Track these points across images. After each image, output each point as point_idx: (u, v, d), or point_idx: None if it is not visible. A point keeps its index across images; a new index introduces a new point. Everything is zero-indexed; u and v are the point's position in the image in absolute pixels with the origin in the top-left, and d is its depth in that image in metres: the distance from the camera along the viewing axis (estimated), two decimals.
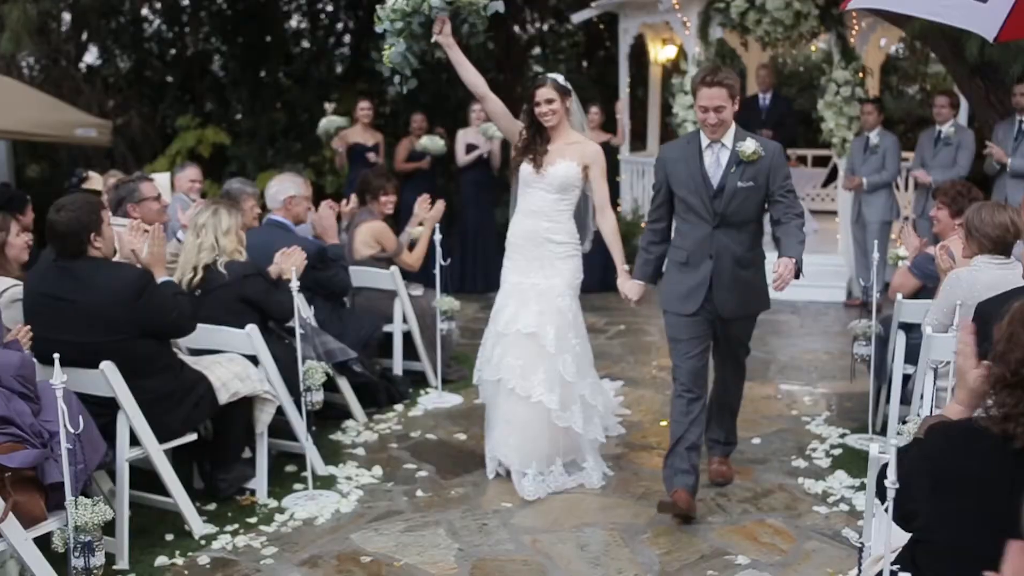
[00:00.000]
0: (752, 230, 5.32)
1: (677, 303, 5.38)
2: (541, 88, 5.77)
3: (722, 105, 5.10)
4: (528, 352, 5.77)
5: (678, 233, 5.43)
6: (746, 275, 5.32)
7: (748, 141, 5.16)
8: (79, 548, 3.84)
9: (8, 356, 4.20)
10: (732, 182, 5.16)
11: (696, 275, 5.30)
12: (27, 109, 13.08)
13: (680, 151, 5.35)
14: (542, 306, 5.79)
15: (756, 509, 5.51)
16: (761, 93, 11.97)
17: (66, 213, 4.85)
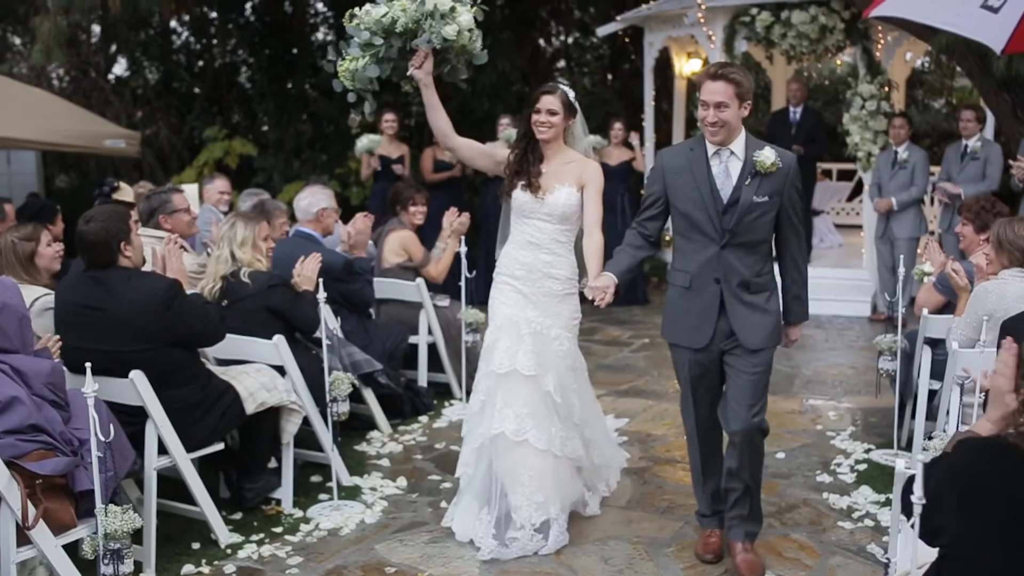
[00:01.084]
0: (763, 251, 4.74)
1: (685, 334, 4.80)
2: (548, 96, 5.18)
3: (724, 102, 4.49)
4: (534, 399, 5.17)
5: (679, 253, 4.81)
6: (756, 300, 4.70)
7: (767, 150, 4.56)
8: (108, 555, 3.89)
9: (39, 364, 4.26)
10: (747, 196, 4.56)
11: (702, 302, 4.71)
12: (57, 120, 13.21)
13: (683, 159, 4.71)
14: (538, 348, 5.21)
15: (780, 524, 5.50)
16: (792, 107, 11.94)
17: (95, 224, 4.92)
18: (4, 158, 15.44)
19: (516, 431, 5.13)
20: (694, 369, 4.84)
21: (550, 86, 5.27)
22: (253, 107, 17.50)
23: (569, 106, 5.22)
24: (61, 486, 4.17)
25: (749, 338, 4.69)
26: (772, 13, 11.22)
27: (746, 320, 4.68)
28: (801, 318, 4.92)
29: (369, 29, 5.20)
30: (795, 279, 4.83)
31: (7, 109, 12.54)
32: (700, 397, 4.90)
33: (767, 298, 4.74)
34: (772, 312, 4.74)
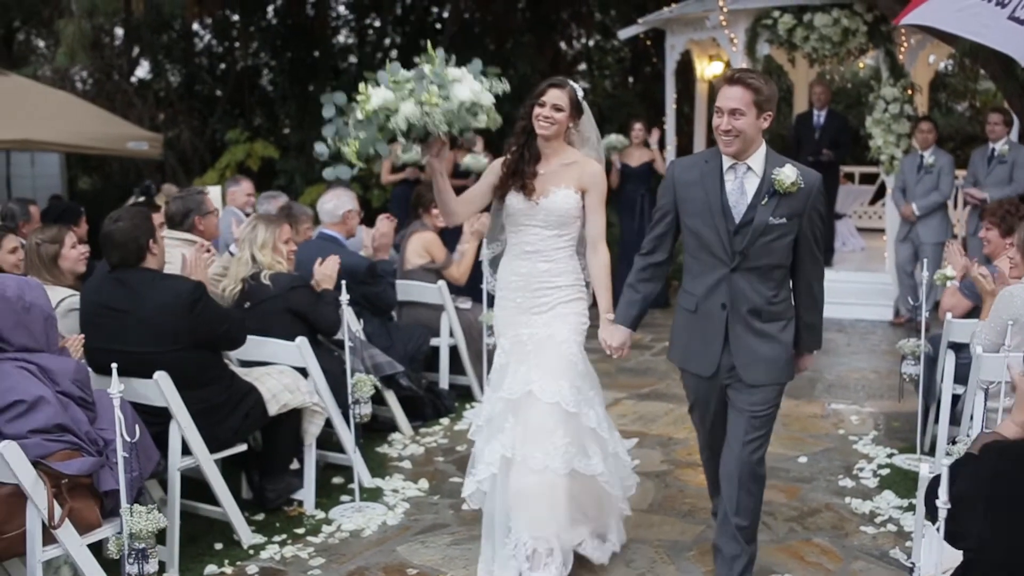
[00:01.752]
0: (778, 277, 4.33)
1: (694, 360, 4.48)
2: (555, 89, 4.75)
3: (739, 109, 4.10)
4: (535, 415, 4.70)
5: (688, 273, 4.46)
6: (768, 330, 4.33)
7: (788, 168, 4.15)
8: (133, 555, 3.90)
9: (65, 363, 4.29)
10: (762, 216, 4.17)
11: (708, 328, 4.37)
12: (81, 122, 13.31)
13: (696, 171, 4.33)
14: (543, 359, 4.76)
15: (802, 528, 5.48)
16: (816, 111, 11.88)
17: (124, 222, 4.98)
18: (28, 160, 15.55)
19: (523, 453, 4.70)
20: (700, 395, 4.60)
21: (559, 80, 4.85)
22: (275, 110, 17.59)
23: (576, 105, 4.81)
24: (86, 486, 4.19)
25: (748, 372, 4.33)
26: (794, 16, 11.17)
27: (749, 352, 4.32)
28: (812, 347, 4.56)
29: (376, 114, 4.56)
30: (808, 306, 4.44)
31: (32, 112, 12.65)
32: (707, 420, 4.67)
33: (781, 328, 4.36)
34: (783, 344, 4.36)
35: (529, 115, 4.80)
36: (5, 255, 5.99)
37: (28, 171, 15.63)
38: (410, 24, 18.61)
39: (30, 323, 4.25)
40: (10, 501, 4.00)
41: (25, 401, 4.04)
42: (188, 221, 6.37)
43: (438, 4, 18.51)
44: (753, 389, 4.34)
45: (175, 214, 6.38)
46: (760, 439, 4.42)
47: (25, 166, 15.54)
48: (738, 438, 4.39)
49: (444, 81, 4.58)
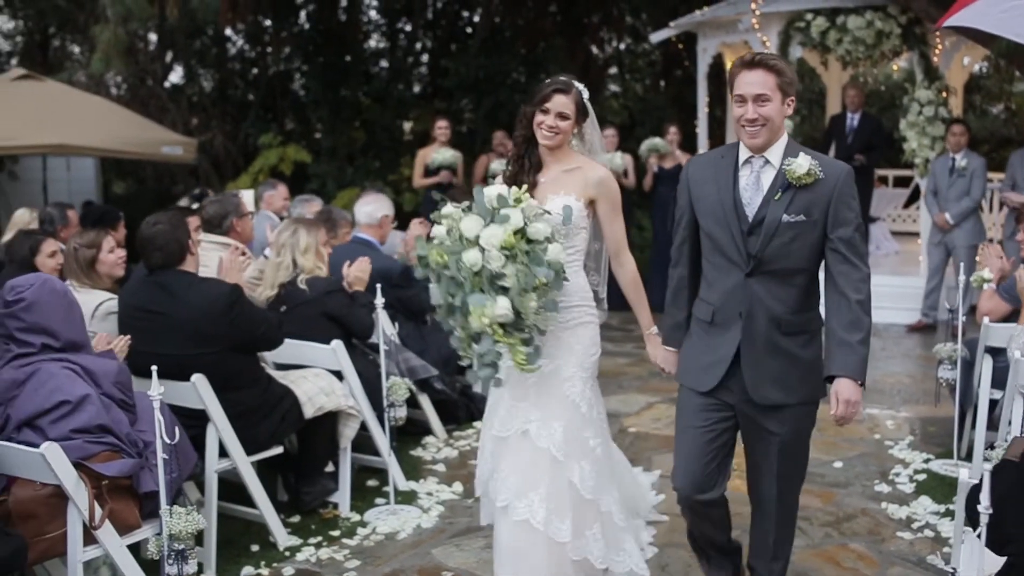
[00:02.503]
0: (802, 284, 3.85)
1: (694, 375, 4.03)
2: (561, 95, 4.30)
3: (765, 95, 3.71)
4: (525, 460, 4.31)
5: (704, 281, 4.04)
6: (790, 346, 3.84)
7: (801, 157, 3.74)
8: (173, 556, 3.94)
9: (107, 364, 4.35)
10: (774, 213, 3.74)
11: (723, 340, 3.91)
12: (116, 127, 13.43)
13: (710, 168, 3.95)
14: (543, 396, 4.32)
15: (839, 533, 5.45)
16: (850, 113, 11.81)
17: (164, 225, 5.08)
18: (64, 165, 15.71)
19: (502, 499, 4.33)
20: (691, 414, 4.04)
21: (564, 83, 4.37)
22: (307, 114, 17.68)
23: (582, 109, 4.40)
24: (126, 487, 4.23)
25: (759, 388, 3.86)
26: (827, 18, 11.12)
27: (762, 365, 3.85)
28: (851, 370, 3.72)
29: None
30: (844, 321, 3.75)
31: (67, 117, 12.78)
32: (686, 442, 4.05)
33: (805, 342, 3.86)
34: (806, 360, 3.88)
35: (530, 122, 4.39)
36: (45, 259, 6.07)
37: (64, 175, 15.79)
38: (441, 28, 18.66)
39: (76, 319, 4.35)
40: (51, 502, 4.05)
41: (70, 402, 4.09)
42: (226, 224, 6.41)
43: (469, 8, 18.54)
44: (766, 412, 3.90)
45: (212, 217, 6.42)
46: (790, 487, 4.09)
47: (61, 171, 15.71)
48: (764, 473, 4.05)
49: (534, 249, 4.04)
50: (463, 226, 4.02)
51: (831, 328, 3.79)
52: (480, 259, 3.96)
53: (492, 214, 4.02)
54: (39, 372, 4.12)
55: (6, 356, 4.19)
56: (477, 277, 3.98)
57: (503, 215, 3.98)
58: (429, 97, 17.80)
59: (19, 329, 4.17)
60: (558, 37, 17.13)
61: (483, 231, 3.98)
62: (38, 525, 4.05)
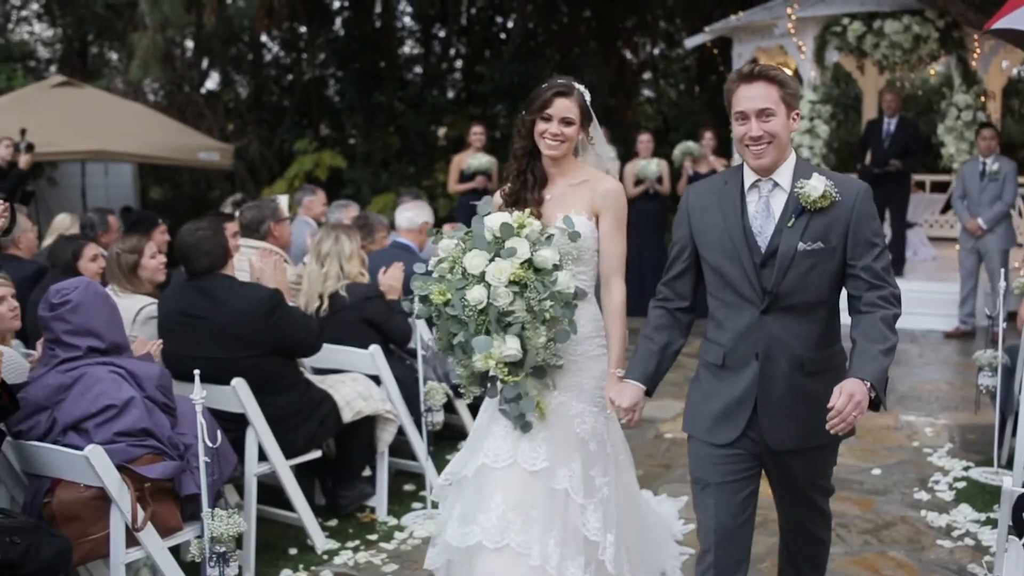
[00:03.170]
0: (823, 317, 3.50)
1: (706, 427, 3.60)
2: (563, 99, 3.90)
3: (768, 109, 3.36)
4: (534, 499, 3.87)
5: (712, 321, 3.63)
6: (813, 387, 3.44)
7: (815, 178, 3.37)
8: (214, 558, 3.97)
9: (149, 367, 4.40)
10: (789, 242, 3.38)
11: (736, 385, 3.52)
12: (153, 133, 13.60)
13: (713, 195, 3.57)
14: (553, 431, 3.93)
15: (878, 541, 5.41)
16: (887, 118, 11.73)
17: (206, 230, 5.16)
18: (102, 171, 15.90)
19: (496, 538, 3.84)
20: (711, 469, 3.60)
21: (564, 85, 3.95)
22: (342, 120, 17.79)
23: (587, 112, 3.99)
24: (168, 490, 4.28)
25: (782, 437, 3.51)
26: (864, 23, 11.08)
27: (782, 410, 3.49)
28: (867, 374, 3.29)
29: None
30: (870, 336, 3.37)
31: (106, 123, 12.95)
32: (713, 502, 3.61)
33: (829, 381, 3.37)
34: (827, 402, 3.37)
35: (530, 132, 3.98)
36: (87, 263, 6.13)
37: (102, 181, 15.98)
38: (475, 34, 18.74)
39: (117, 323, 4.44)
40: (94, 504, 4.11)
41: (116, 406, 4.15)
42: (263, 229, 6.45)
43: (502, 14, 18.60)
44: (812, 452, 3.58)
45: (251, 222, 6.47)
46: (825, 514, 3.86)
47: (99, 176, 15.90)
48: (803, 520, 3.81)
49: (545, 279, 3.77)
50: (467, 263, 3.73)
51: (861, 347, 3.37)
52: (485, 296, 3.68)
53: (496, 246, 3.74)
54: (85, 376, 4.18)
55: (52, 361, 4.24)
56: (483, 316, 3.69)
57: (509, 248, 3.70)
58: (463, 103, 17.87)
59: (66, 332, 4.23)
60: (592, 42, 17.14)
61: (489, 267, 3.70)
62: (82, 527, 4.11)
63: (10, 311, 4.66)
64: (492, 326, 3.69)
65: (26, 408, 4.14)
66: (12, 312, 4.69)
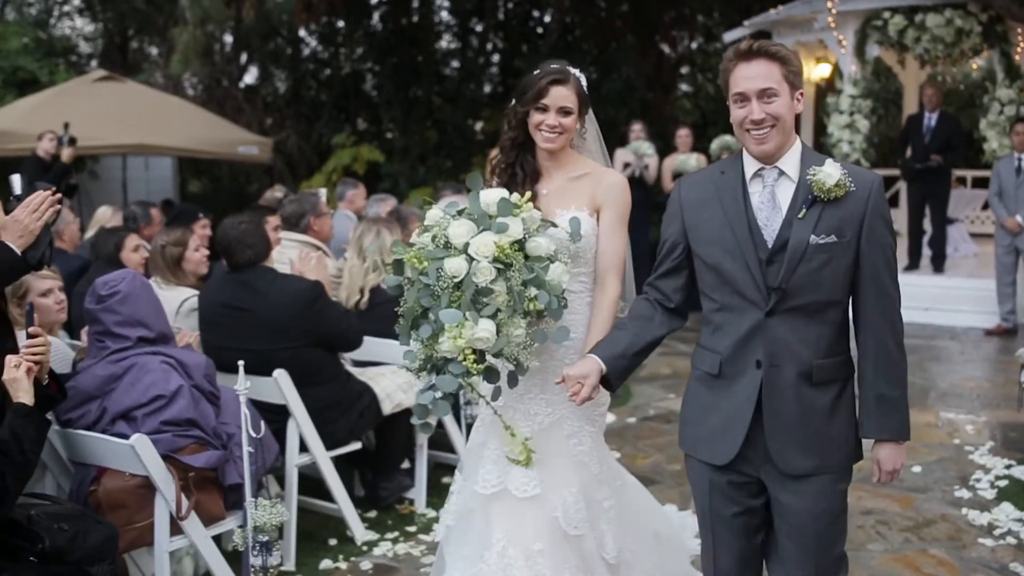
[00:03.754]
0: (834, 320, 3.14)
1: (704, 444, 3.25)
2: (560, 87, 3.57)
3: (771, 89, 3.05)
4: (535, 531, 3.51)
5: (707, 324, 3.27)
6: (820, 399, 3.10)
7: (828, 165, 3.07)
8: (257, 547, 4.00)
9: (196, 356, 4.48)
10: (800, 235, 3.05)
11: (733, 396, 3.16)
12: (194, 127, 13.71)
13: (709, 187, 3.24)
14: (545, 454, 3.54)
15: (918, 539, 5.37)
16: (927, 113, 11.63)
17: (249, 224, 5.24)
18: (143, 164, 16.07)
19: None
20: (715, 499, 3.26)
21: (559, 71, 3.62)
22: (379, 114, 17.87)
23: (585, 100, 3.68)
24: (212, 479, 4.33)
25: (788, 456, 3.11)
26: (906, 16, 10.99)
27: (792, 429, 3.10)
28: (892, 431, 3.13)
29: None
30: (880, 367, 3.12)
31: (146, 117, 13.07)
32: (722, 541, 3.30)
33: (838, 393, 3.14)
34: (843, 416, 3.15)
35: (522, 123, 3.67)
36: (129, 254, 6.20)
37: (142, 175, 16.17)
38: (512, 28, 18.73)
39: (162, 313, 4.52)
40: (139, 492, 4.17)
41: (165, 396, 4.20)
42: (303, 222, 6.49)
43: (539, 8, 18.59)
44: (799, 481, 3.13)
45: (290, 216, 6.52)
46: None
47: (140, 170, 16.08)
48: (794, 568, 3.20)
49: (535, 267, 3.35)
50: (451, 231, 3.33)
51: (866, 378, 3.14)
52: (465, 268, 3.27)
53: (488, 221, 3.35)
54: (136, 366, 4.23)
55: (102, 352, 4.30)
56: (457, 292, 3.27)
57: (501, 223, 3.32)
58: (500, 97, 17.88)
59: (116, 323, 4.29)
60: (629, 36, 17.09)
61: (474, 239, 3.30)
62: (127, 515, 4.17)
63: (57, 304, 4.74)
64: (466, 304, 3.23)
65: (76, 398, 4.20)
66: (59, 305, 4.76)
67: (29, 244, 3.80)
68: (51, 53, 17.80)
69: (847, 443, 3.17)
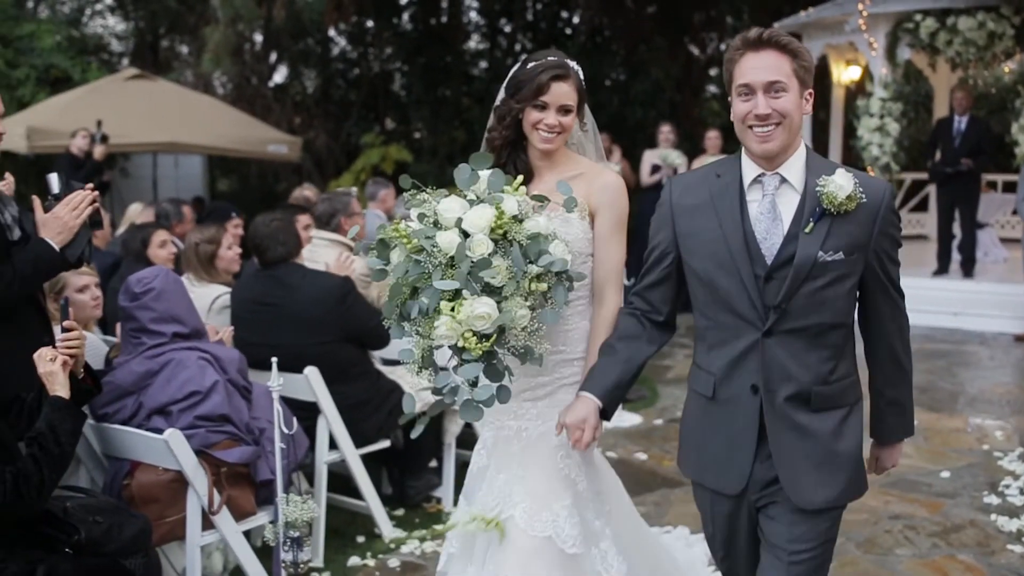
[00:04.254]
0: (837, 343, 2.92)
1: (712, 472, 3.06)
2: (561, 83, 3.26)
3: (779, 82, 2.79)
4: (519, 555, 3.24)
5: (700, 342, 3.07)
6: (820, 427, 2.90)
7: (839, 176, 2.81)
8: (288, 543, 4.05)
9: (230, 351, 4.53)
10: (807, 250, 2.80)
11: (731, 422, 2.97)
12: (224, 126, 13.80)
13: (703, 191, 2.98)
14: (530, 469, 3.33)
15: (946, 544, 5.35)
16: (957, 116, 11.56)
17: (281, 222, 5.31)
18: (172, 162, 16.19)
19: None
20: (722, 523, 3.13)
21: (560, 65, 3.30)
22: (407, 114, 17.93)
23: (584, 95, 3.40)
24: (243, 475, 4.38)
25: (798, 489, 2.91)
26: (937, 19, 10.93)
27: (797, 458, 2.90)
28: (900, 432, 3.16)
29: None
30: (891, 377, 3.06)
31: (177, 115, 13.18)
32: (739, 557, 3.19)
33: (842, 420, 2.93)
34: (848, 446, 2.94)
35: (515, 120, 3.34)
36: (156, 250, 6.24)
37: (172, 173, 16.30)
38: (540, 30, 18.75)
39: (194, 308, 4.57)
40: (172, 487, 4.21)
41: (200, 392, 4.24)
42: (334, 221, 6.53)
43: (568, 9, 18.60)
44: (804, 517, 2.93)
45: (322, 215, 6.56)
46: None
47: (170, 168, 16.20)
48: None
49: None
50: (440, 207, 3.01)
51: (877, 385, 3.07)
52: (459, 242, 2.94)
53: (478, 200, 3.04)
54: (172, 362, 4.28)
55: (138, 348, 4.35)
56: (450, 267, 2.94)
57: (496, 196, 3.03)
58: None
59: (152, 320, 4.33)
60: (658, 37, 17.08)
61: (468, 213, 2.98)
62: (159, 509, 4.21)
63: (93, 300, 4.79)
64: (462, 280, 2.91)
65: (112, 393, 4.25)
66: (95, 301, 4.82)
67: (68, 241, 3.86)
68: (83, 51, 17.97)
69: (857, 475, 2.99)
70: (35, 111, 13.60)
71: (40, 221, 3.86)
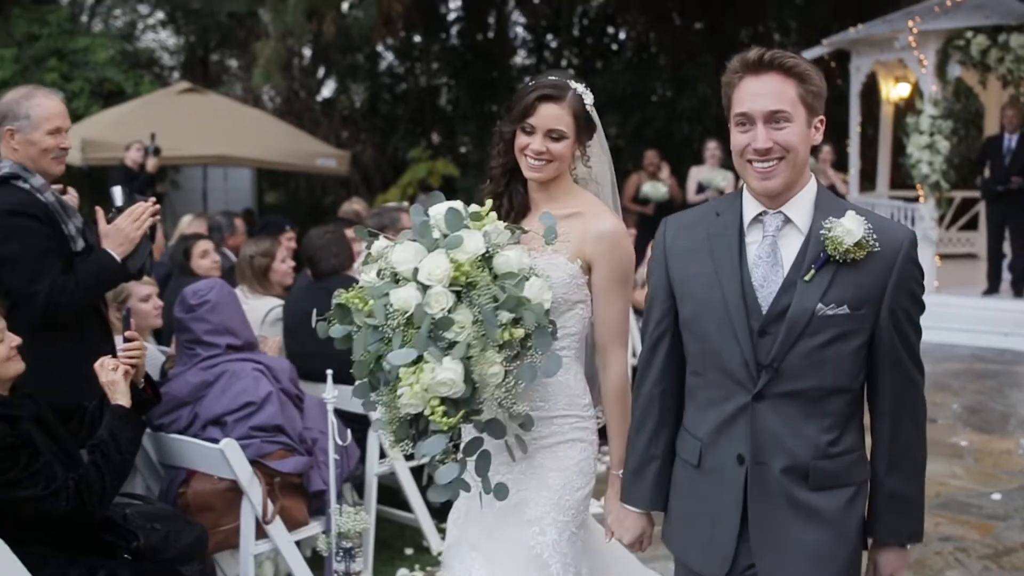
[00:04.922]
0: (839, 410, 2.52)
1: (693, 549, 2.68)
2: (550, 105, 2.94)
3: (783, 112, 2.45)
4: None
5: (691, 401, 2.70)
6: (822, 507, 2.51)
7: (848, 219, 2.44)
8: (341, 553, 4.09)
9: (282, 361, 4.59)
10: (804, 302, 2.45)
11: (718, 496, 2.59)
12: (273, 139, 13.96)
13: (699, 231, 2.63)
14: (498, 542, 2.99)
15: (998, 567, 5.29)
16: (1008, 134, 11.43)
17: (334, 234, 5.43)
18: (222, 175, 16.38)
19: None
20: None
21: (552, 85, 2.98)
22: (454, 128, 18.03)
23: (584, 122, 3.01)
24: (296, 485, 4.43)
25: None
26: (988, 36, 10.84)
27: (783, 544, 2.51)
28: (903, 535, 2.61)
29: None
30: (896, 463, 2.56)
31: (227, 129, 13.35)
32: None
33: (846, 502, 2.54)
34: (849, 530, 2.55)
35: (509, 145, 3.02)
36: (198, 260, 6.28)
37: (222, 185, 16.50)
38: (587, 45, 18.81)
39: (246, 320, 4.63)
40: (227, 496, 4.26)
41: (255, 403, 4.30)
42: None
43: (614, 25, 18.64)
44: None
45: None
46: None
47: (219, 180, 16.41)
48: None
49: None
50: (393, 257, 2.71)
51: (879, 470, 2.59)
52: (414, 298, 2.63)
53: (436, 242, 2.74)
54: (227, 373, 4.35)
55: (193, 360, 4.42)
56: (409, 327, 2.63)
57: (454, 238, 2.69)
58: None
59: (206, 331, 4.40)
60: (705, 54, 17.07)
61: (423, 262, 2.67)
62: (214, 517, 4.26)
63: (155, 309, 4.88)
64: (422, 343, 2.59)
65: (169, 403, 4.32)
66: (157, 310, 4.91)
67: (129, 252, 3.94)
68: (136, 65, 18.26)
69: (848, 564, 2.55)
70: (89, 124, 13.85)
71: (103, 232, 3.95)
